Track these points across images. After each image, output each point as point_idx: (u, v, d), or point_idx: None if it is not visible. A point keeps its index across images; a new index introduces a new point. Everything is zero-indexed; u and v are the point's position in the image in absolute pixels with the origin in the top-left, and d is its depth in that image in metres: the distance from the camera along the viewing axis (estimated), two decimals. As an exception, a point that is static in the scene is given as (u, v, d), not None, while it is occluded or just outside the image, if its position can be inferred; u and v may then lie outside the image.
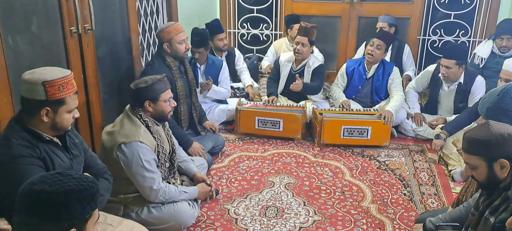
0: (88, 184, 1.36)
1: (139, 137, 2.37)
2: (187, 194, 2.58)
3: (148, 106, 2.46)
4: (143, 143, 2.37)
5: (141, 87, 2.44)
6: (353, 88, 4.18)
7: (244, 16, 5.53)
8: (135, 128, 2.41)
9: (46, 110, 1.82)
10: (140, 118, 2.45)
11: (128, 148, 2.35)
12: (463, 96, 3.79)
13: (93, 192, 1.37)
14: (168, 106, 2.53)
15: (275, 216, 2.77)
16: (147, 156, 2.38)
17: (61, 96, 1.83)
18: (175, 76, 3.26)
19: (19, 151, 1.78)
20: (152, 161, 2.42)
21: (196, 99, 3.56)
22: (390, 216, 2.79)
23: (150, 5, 3.91)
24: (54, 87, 1.79)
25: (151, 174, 2.39)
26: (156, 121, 2.53)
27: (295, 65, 4.14)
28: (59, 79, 1.81)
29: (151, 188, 2.40)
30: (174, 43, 3.23)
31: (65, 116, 1.87)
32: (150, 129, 2.46)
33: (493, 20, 4.82)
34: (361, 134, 3.73)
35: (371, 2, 5.15)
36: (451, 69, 3.67)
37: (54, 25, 2.49)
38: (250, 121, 3.93)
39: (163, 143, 2.55)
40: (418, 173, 3.35)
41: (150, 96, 2.45)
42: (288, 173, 3.34)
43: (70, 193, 1.30)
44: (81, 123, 2.75)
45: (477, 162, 1.78)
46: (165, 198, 2.46)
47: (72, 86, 1.88)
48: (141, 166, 2.36)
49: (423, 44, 5.18)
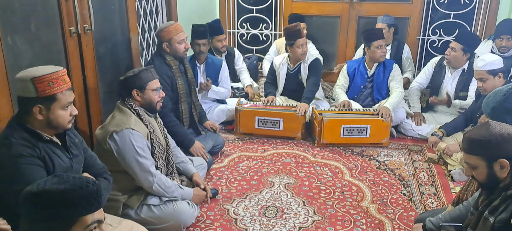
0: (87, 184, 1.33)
1: (130, 124, 2.40)
2: (181, 190, 2.57)
3: (136, 95, 2.50)
4: (134, 130, 2.39)
5: (129, 76, 2.50)
6: (355, 88, 4.19)
7: (244, 16, 5.53)
8: (125, 117, 2.44)
9: (39, 108, 1.81)
10: (130, 108, 2.48)
11: (120, 136, 2.37)
12: (464, 84, 3.85)
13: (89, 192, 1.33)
14: (156, 96, 2.56)
15: (275, 216, 2.77)
16: (139, 142, 2.39)
17: (52, 92, 1.81)
18: (176, 75, 3.27)
19: (18, 150, 1.78)
20: (145, 148, 2.43)
21: (196, 99, 3.56)
22: (390, 216, 2.79)
23: (150, 5, 3.91)
24: (44, 83, 1.78)
25: (145, 160, 2.40)
26: (146, 111, 2.56)
27: (291, 65, 4.14)
28: (48, 75, 1.80)
29: (147, 173, 2.40)
30: (173, 43, 3.24)
31: (59, 113, 1.86)
32: (141, 117, 2.49)
33: (493, 20, 4.81)
34: (361, 133, 3.74)
35: (370, 2, 5.15)
36: (456, 52, 3.76)
37: (53, 25, 2.49)
38: (250, 120, 3.93)
39: (156, 132, 2.57)
40: (417, 173, 3.35)
41: (137, 85, 2.49)
42: (287, 173, 3.34)
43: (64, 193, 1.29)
44: (81, 122, 2.74)
45: (477, 162, 1.78)
46: (160, 186, 2.45)
47: (63, 82, 1.85)
48: (134, 152, 2.37)
49: (422, 44, 5.18)
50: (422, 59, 5.21)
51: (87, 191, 1.32)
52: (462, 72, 3.87)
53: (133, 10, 3.38)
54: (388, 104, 3.80)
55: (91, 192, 1.33)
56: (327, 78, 5.28)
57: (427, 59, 5.14)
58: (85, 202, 1.32)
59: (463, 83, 3.86)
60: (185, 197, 2.60)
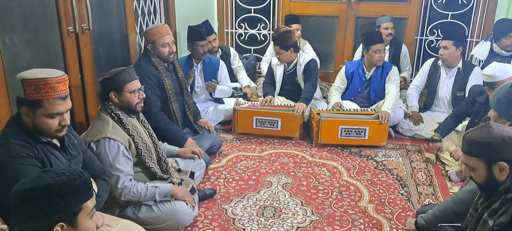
0: (69, 178, 1.35)
1: (106, 133, 2.37)
2: (157, 188, 2.47)
3: (114, 98, 2.45)
4: (111, 139, 2.36)
5: (106, 78, 2.45)
6: (353, 91, 4.20)
7: (242, 16, 5.52)
8: (103, 125, 2.40)
9: (25, 109, 1.80)
10: (111, 112, 2.44)
11: (97, 146, 2.36)
12: (461, 84, 3.85)
13: (77, 185, 1.36)
14: (134, 98, 2.49)
15: (273, 216, 2.77)
16: (113, 153, 2.36)
17: (37, 98, 1.77)
18: (162, 75, 3.23)
19: (16, 151, 1.77)
20: (121, 157, 2.38)
21: (188, 97, 3.54)
22: (388, 216, 2.80)
23: (148, 4, 3.90)
24: (31, 87, 1.75)
25: (117, 171, 2.37)
26: (127, 113, 2.51)
27: (287, 66, 4.14)
28: (38, 79, 1.75)
29: (116, 186, 2.36)
30: (156, 46, 3.20)
31: (43, 120, 1.80)
32: (123, 121, 2.45)
33: (491, 20, 4.83)
34: (359, 134, 3.74)
35: (368, 2, 5.16)
36: (449, 49, 3.78)
37: (51, 25, 2.49)
38: (248, 120, 3.93)
39: (141, 134, 2.54)
40: (415, 173, 3.36)
41: (114, 87, 2.43)
42: (285, 173, 3.34)
43: (48, 188, 1.31)
44: (78, 123, 2.75)
45: (476, 164, 1.76)
46: (133, 196, 2.41)
47: (52, 90, 1.78)
48: (107, 163, 2.35)
49: (420, 44, 5.19)
50: (419, 59, 5.22)
51: (83, 179, 1.39)
52: (457, 72, 3.87)
53: (131, 10, 3.38)
54: (387, 108, 3.76)
55: (86, 180, 1.40)
56: (325, 79, 5.28)
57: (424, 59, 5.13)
58: (84, 190, 1.39)
59: (460, 83, 3.87)
60: (164, 193, 2.51)
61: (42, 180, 1.32)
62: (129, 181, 2.41)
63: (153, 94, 3.15)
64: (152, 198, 2.47)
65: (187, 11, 4.60)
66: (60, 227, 1.33)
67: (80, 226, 1.38)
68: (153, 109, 3.14)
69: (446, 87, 3.94)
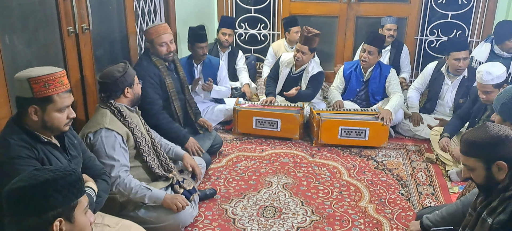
0: (64, 173, 1.37)
1: (104, 123, 2.41)
2: (149, 191, 2.44)
3: (127, 93, 2.53)
4: (108, 129, 2.39)
5: (119, 77, 2.48)
6: (351, 91, 4.20)
7: (242, 16, 5.52)
8: (101, 117, 2.44)
9: (34, 109, 1.80)
10: (110, 106, 2.48)
11: (94, 136, 2.39)
12: (465, 91, 3.81)
13: (72, 180, 1.38)
14: (139, 88, 2.64)
15: (273, 216, 2.77)
16: (109, 142, 2.38)
17: (48, 94, 1.79)
18: (163, 74, 3.23)
19: (17, 151, 1.77)
20: (117, 147, 2.40)
21: (189, 96, 3.54)
22: (388, 216, 2.80)
23: (148, 4, 3.90)
24: (39, 84, 1.76)
25: (112, 161, 2.38)
26: (131, 106, 2.58)
27: (295, 68, 4.14)
28: (44, 76, 1.77)
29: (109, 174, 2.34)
30: (155, 45, 3.19)
31: (54, 115, 1.83)
32: (123, 114, 2.49)
33: (491, 20, 4.83)
34: (359, 135, 3.73)
35: (368, 2, 5.16)
36: (467, 59, 3.74)
37: (51, 25, 2.48)
38: (248, 121, 3.93)
39: (140, 128, 2.57)
40: (415, 173, 3.36)
41: (128, 82, 2.53)
42: (285, 173, 3.34)
43: (45, 183, 1.32)
44: (79, 123, 2.74)
45: (475, 164, 1.77)
46: (125, 189, 2.40)
47: (60, 84, 1.82)
48: (103, 152, 2.37)
49: (420, 44, 5.19)
50: (420, 59, 5.22)
51: (77, 175, 1.42)
52: (462, 80, 3.82)
53: (131, 10, 3.38)
54: (390, 108, 3.76)
55: (79, 175, 1.43)
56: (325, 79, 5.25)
57: (425, 59, 5.16)
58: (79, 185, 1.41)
59: (463, 90, 3.82)
60: (154, 199, 2.46)
61: (38, 176, 1.34)
62: (124, 172, 2.42)
63: (154, 93, 3.15)
64: (142, 199, 2.44)
65: (188, 11, 4.60)
66: (59, 222, 1.34)
67: (76, 221, 1.40)
68: (155, 107, 3.14)
69: (450, 95, 3.92)
